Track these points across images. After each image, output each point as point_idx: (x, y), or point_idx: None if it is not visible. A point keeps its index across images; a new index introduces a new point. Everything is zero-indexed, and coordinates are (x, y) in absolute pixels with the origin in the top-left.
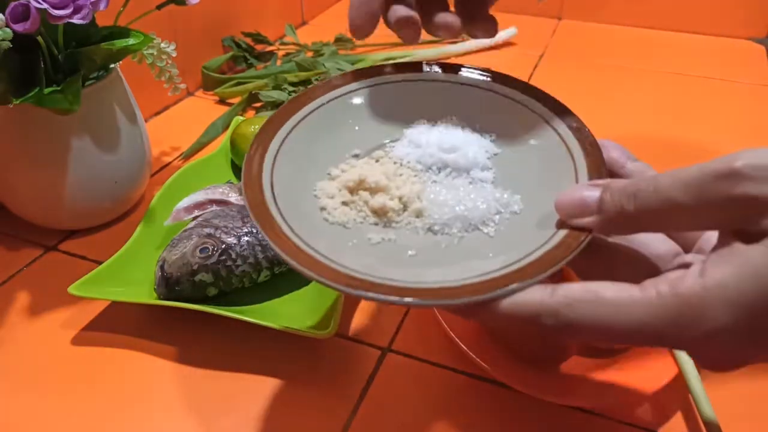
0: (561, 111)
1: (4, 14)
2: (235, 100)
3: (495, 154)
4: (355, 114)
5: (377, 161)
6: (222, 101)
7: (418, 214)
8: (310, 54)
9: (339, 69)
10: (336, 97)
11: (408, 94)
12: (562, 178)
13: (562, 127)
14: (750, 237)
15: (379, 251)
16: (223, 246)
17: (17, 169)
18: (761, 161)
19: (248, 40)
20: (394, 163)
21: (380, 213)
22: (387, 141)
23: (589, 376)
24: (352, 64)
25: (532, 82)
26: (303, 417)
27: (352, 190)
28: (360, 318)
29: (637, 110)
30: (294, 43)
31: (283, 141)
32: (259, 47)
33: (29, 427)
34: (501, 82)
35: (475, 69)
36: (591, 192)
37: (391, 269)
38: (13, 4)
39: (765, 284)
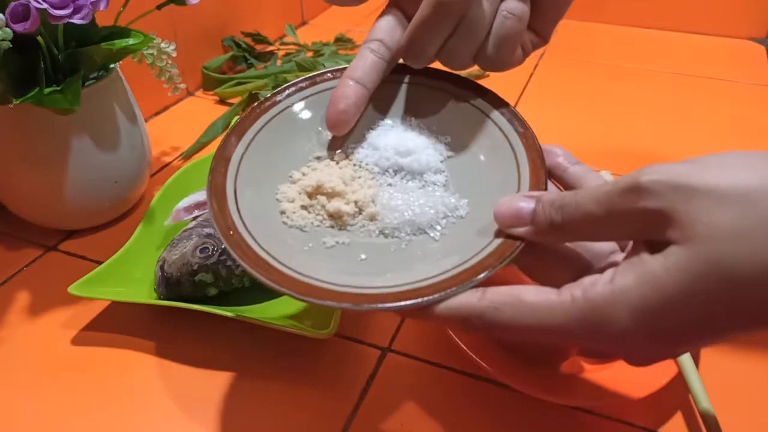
0: (512, 115)
1: (4, 14)
2: (235, 100)
3: (449, 157)
4: (319, 117)
5: (338, 164)
6: (222, 101)
7: (372, 218)
8: (310, 54)
9: None
10: (301, 99)
11: (374, 96)
12: (507, 184)
13: (511, 133)
14: (655, 247)
15: (332, 255)
16: (223, 246)
17: (17, 169)
18: (663, 176)
19: (248, 40)
20: (354, 165)
21: (336, 217)
22: (350, 143)
23: (589, 376)
24: None
25: (532, 82)
26: (303, 417)
27: (311, 195)
28: (360, 318)
29: (637, 110)
30: (294, 43)
31: (249, 144)
32: (259, 47)
33: (29, 427)
34: (459, 85)
35: (437, 71)
36: (526, 203)
37: (340, 274)
38: (13, 4)
39: (662, 291)
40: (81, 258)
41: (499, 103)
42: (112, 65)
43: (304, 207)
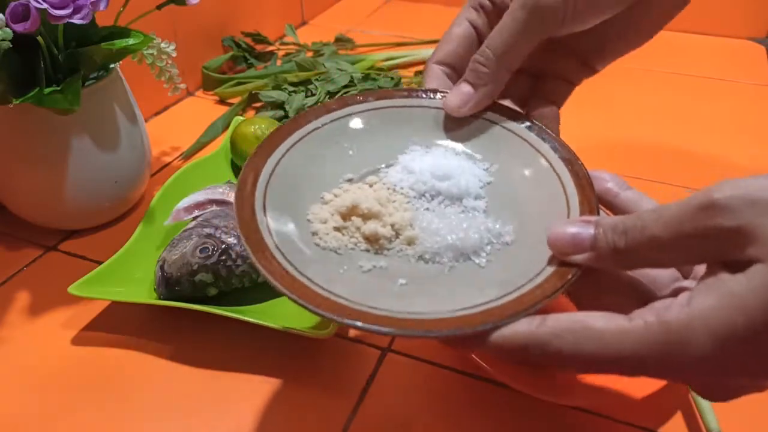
0: (555, 142)
1: (4, 14)
2: (235, 100)
3: (488, 183)
4: (350, 138)
5: (371, 186)
6: (222, 101)
7: (410, 242)
8: (310, 54)
9: (339, 69)
10: (332, 120)
11: (404, 120)
12: (554, 210)
13: (555, 159)
14: (736, 266)
15: (369, 279)
16: (223, 246)
17: (17, 169)
18: (739, 191)
19: (248, 40)
20: (387, 188)
21: (372, 240)
22: (381, 166)
23: (589, 376)
24: (352, 64)
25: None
26: (303, 417)
27: (345, 216)
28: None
29: (637, 110)
30: (294, 43)
31: (277, 163)
32: (259, 47)
33: (29, 427)
34: (497, 112)
35: None
36: (583, 229)
37: (381, 298)
38: (13, 4)
39: (748, 314)
40: (81, 258)
41: (540, 130)
42: (112, 65)
43: (337, 228)
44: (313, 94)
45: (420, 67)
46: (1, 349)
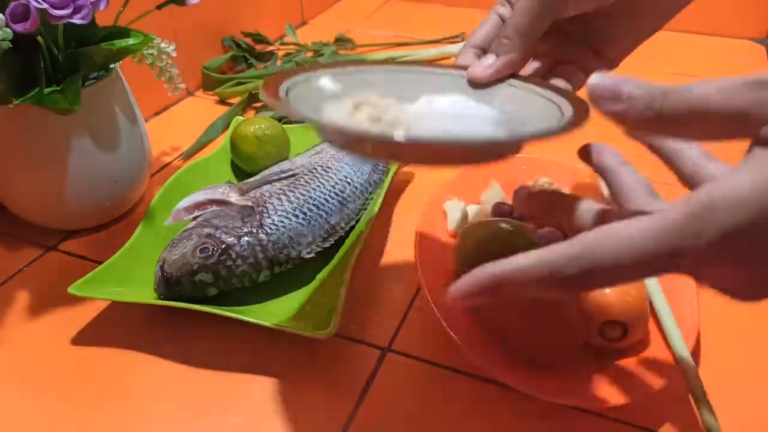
0: (569, 98)
1: (4, 14)
2: (235, 100)
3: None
4: (368, 85)
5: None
6: (222, 101)
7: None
8: (310, 54)
9: None
10: (351, 70)
11: (424, 81)
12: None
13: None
14: None
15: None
16: (223, 246)
17: (17, 169)
18: None
19: (248, 40)
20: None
21: (375, 120)
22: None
23: (589, 376)
24: None
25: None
26: (303, 417)
27: (356, 105)
28: (360, 318)
29: None
30: (294, 43)
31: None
32: (259, 47)
33: (29, 427)
34: (519, 79)
35: None
36: (626, 84)
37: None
38: (13, 4)
39: None
40: (81, 258)
41: (556, 89)
42: (112, 65)
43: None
44: None
45: None
46: (1, 349)
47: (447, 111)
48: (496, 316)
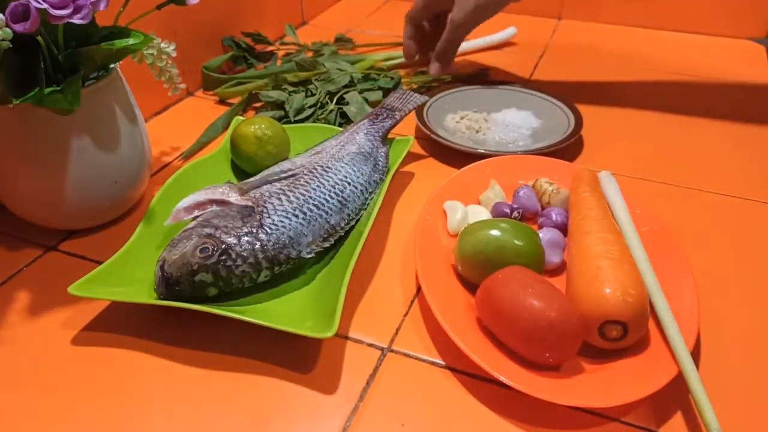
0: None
1: (4, 14)
2: (235, 100)
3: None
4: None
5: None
6: (222, 101)
7: None
8: (310, 54)
9: (339, 69)
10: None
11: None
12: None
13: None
14: None
15: None
16: (223, 246)
17: (17, 169)
18: None
19: (248, 40)
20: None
21: None
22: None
23: (589, 376)
24: (352, 64)
25: (532, 82)
26: (303, 417)
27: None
28: (360, 318)
29: (636, 110)
30: (294, 43)
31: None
32: (259, 47)
33: (29, 427)
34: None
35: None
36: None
37: None
38: (13, 4)
39: None
40: (81, 258)
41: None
42: (112, 65)
43: None
44: (313, 94)
45: (420, 67)
46: (1, 349)
47: None
48: (496, 316)
